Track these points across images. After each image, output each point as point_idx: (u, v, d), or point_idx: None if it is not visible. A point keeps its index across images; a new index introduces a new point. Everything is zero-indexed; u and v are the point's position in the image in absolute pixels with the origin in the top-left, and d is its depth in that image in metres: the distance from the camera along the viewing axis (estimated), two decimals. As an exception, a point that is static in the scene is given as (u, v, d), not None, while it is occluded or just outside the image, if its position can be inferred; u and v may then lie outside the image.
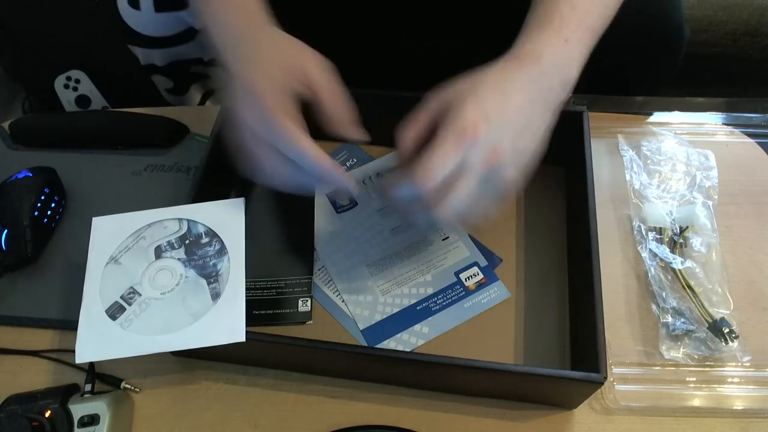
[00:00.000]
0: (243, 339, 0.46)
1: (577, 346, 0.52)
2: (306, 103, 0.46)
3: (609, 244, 0.60)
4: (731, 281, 0.57)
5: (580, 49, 0.49)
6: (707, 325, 0.53)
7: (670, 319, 0.54)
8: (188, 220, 0.52)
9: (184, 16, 0.71)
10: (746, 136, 0.67)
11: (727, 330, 0.53)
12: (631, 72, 0.70)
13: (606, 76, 0.69)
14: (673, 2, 0.66)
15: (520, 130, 0.44)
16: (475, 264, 0.59)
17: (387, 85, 0.46)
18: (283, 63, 0.45)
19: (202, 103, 0.88)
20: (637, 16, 0.65)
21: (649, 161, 0.65)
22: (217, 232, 0.51)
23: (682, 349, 0.53)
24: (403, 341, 0.55)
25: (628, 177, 0.64)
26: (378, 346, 0.55)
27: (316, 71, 0.46)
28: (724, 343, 0.52)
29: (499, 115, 0.43)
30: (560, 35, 0.47)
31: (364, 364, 0.51)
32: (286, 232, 0.62)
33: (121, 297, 0.49)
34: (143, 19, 0.71)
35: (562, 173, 0.64)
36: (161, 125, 0.70)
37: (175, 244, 0.51)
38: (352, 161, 0.67)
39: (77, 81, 1.01)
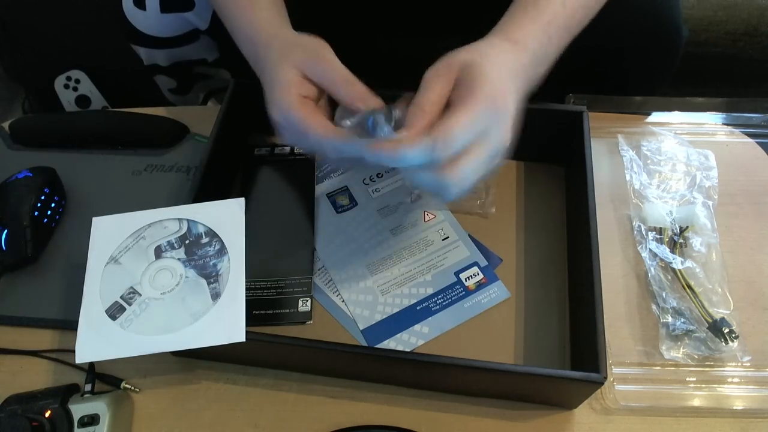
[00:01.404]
0: (243, 339, 0.46)
1: (577, 346, 0.52)
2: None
3: (609, 244, 0.60)
4: (731, 281, 0.57)
5: (556, 50, 0.49)
6: (707, 325, 0.53)
7: (670, 319, 0.54)
8: (188, 220, 0.52)
9: (189, 17, 0.71)
10: (746, 136, 0.67)
11: (727, 330, 0.53)
12: (629, 72, 0.70)
13: (605, 76, 0.70)
14: (671, 2, 0.66)
15: (516, 115, 0.44)
16: (475, 264, 0.59)
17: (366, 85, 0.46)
18: (293, 79, 0.47)
19: (204, 102, 0.88)
20: (635, 16, 0.65)
21: (649, 161, 0.65)
22: (217, 232, 0.51)
23: (682, 349, 0.53)
24: (403, 341, 0.55)
25: (628, 177, 0.64)
26: (378, 346, 0.55)
27: (318, 71, 0.46)
28: (724, 343, 0.52)
29: (513, 94, 0.43)
30: (547, 31, 0.48)
31: (364, 364, 0.51)
32: (286, 232, 0.62)
33: (121, 297, 0.49)
34: (149, 20, 0.71)
35: (562, 173, 0.64)
36: (161, 125, 0.71)
37: (175, 244, 0.51)
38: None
39: (77, 81, 1.01)
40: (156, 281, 0.50)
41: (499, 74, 0.42)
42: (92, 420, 0.48)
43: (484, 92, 0.41)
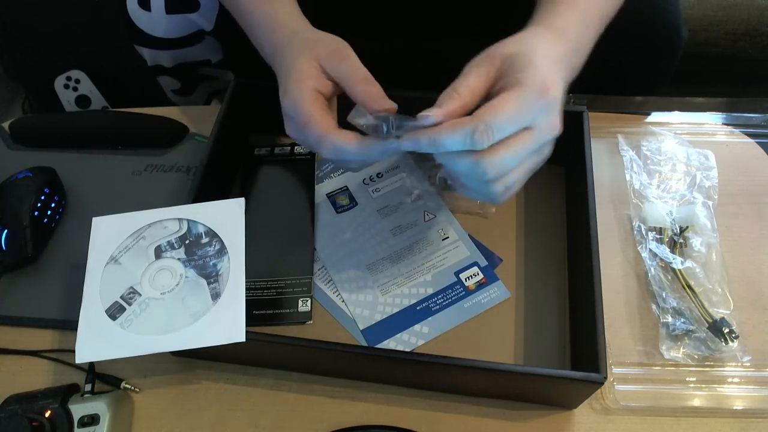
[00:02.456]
0: (243, 339, 0.46)
1: (577, 346, 0.52)
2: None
3: (609, 244, 0.60)
4: (731, 281, 0.57)
5: (593, 36, 0.49)
6: (707, 325, 0.53)
7: (670, 319, 0.54)
8: (188, 220, 0.52)
9: (194, 18, 0.70)
10: (746, 136, 0.67)
11: (727, 330, 0.53)
12: (629, 72, 0.70)
13: (604, 76, 0.69)
14: (671, 3, 0.66)
15: (561, 105, 0.43)
16: (475, 264, 0.59)
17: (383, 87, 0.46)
18: (310, 71, 0.46)
19: (207, 103, 0.88)
20: (635, 17, 0.65)
21: (649, 161, 0.65)
22: (217, 232, 0.51)
23: (682, 349, 0.53)
24: (403, 341, 0.55)
25: (628, 177, 0.64)
26: (378, 346, 0.55)
27: (339, 68, 0.46)
28: (724, 343, 0.52)
29: (561, 81, 0.42)
30: (584, 20, 0.47)
31: (364, 364, 0.51)
32: (286, 232, 0.62)
33: (121, 297, 0.49)
34: (153, 21, 0.70)
35: (562, 173, 0.64)
36: (161, 125, 0.71)
37: (175, 244, 0.51)
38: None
39: (77, 81, 1.01)
40: (156, 281, 0.50)
41: (545, 62, 0.41)
42: (92, 420, 0.48)
43: (532, 79, 0.39)
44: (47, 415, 0.48)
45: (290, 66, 0.47)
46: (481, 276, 0.58)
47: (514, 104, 0.38)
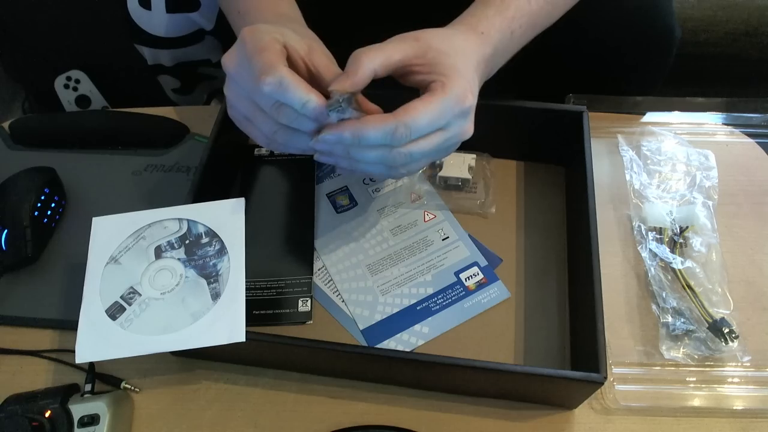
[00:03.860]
0: (243, 339, 0.46)
1: (577, 346, 0.52)
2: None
3: (609, 244, 0.60)
4: (731, 281, 0.57)
5: (518, 44, 0.50)
6: (707, 325, 0.53)
7: (670, 319, 0.54)
8: (188, 220, 0.52)
9: (194, 17, 0.71)
10: (746, 136, 0.67)
11: (727, 330, 0.53)
12: (624, 72, 0.71)
13: (600, 75, 0.70)
14: (664, 3, 0.66)
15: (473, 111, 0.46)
16: (475, 264, 0.59)
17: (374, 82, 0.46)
18: (293, 37, 0.45)
19: (207, 103, 0.88)
20: (628, 17, 0.65)
21: (649, 161, 0.65)
22: (217, 232, 0.51)
23: (682, 349, 0.53)
24: (403, 341, 0.55)
25: (628, 177, 0.64)
26: (378, 346, 0.55)
27: (320, 60, 0.46)
28: (724, 343, 0.52)
29: (476, 90, 0.45)
30: (510, 26, 0.49)
31: (364, 364, 0.51)
32: (286, 232, 0.62)
33: (121, 297, 0.49)
34: (154, 20, 0.71)
35: (562, 173, 0.64)
36: (161, 125, 0.71)
37: (175, 244, 0.51)
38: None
39: (77, 81, 1.01)
40: (156, 281, 0.50)
41: (468, 67, 0.44)
42: (92, 420, 0.48)
43: (455, 87, 0.42)
44: (47, 415, 0.48)
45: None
46: (481, 276, 0.58)
47: (433, 109, 0.41)
